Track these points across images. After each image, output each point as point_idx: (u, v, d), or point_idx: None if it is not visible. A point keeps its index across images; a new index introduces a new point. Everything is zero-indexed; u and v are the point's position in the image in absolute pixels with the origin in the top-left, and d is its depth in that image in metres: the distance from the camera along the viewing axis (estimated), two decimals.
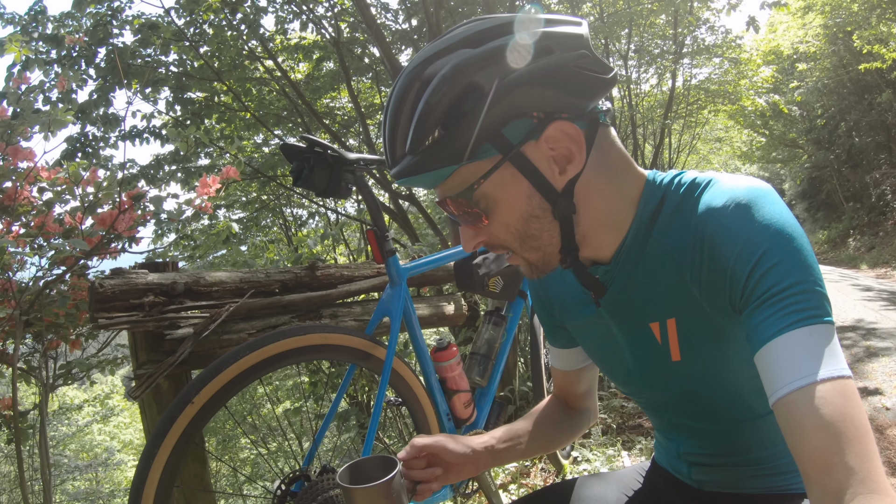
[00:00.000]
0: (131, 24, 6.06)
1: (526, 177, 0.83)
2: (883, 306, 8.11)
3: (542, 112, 0.81)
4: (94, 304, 1.65)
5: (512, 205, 0.85)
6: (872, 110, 18.75)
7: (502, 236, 0.89)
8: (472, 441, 1.10)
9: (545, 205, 0.86)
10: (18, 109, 2.20)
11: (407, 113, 0.82)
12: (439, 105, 0.79)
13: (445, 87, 0.79)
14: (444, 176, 0.84)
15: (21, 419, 2.26)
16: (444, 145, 0.80)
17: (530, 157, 0.83)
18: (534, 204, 0.85)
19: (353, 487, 0.89)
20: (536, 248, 0.89)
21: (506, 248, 0.91)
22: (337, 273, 2.26)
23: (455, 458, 1.06)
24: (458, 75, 0.78)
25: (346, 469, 0.95)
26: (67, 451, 10.14)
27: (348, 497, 0.90)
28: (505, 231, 0.88)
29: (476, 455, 1.08)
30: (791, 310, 0.74)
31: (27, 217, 2.22)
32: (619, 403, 3.97)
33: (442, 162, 0.81)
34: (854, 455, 0.66)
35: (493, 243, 0.92)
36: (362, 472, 0.95)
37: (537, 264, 0.92)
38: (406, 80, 0.83)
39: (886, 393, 4.04)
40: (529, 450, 1.20)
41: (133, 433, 14.29)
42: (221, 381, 1.44)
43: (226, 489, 5.62)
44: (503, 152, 0.81)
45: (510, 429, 1.19)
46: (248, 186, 8.67)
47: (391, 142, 0.85)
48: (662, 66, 11.79)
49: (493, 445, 1.12)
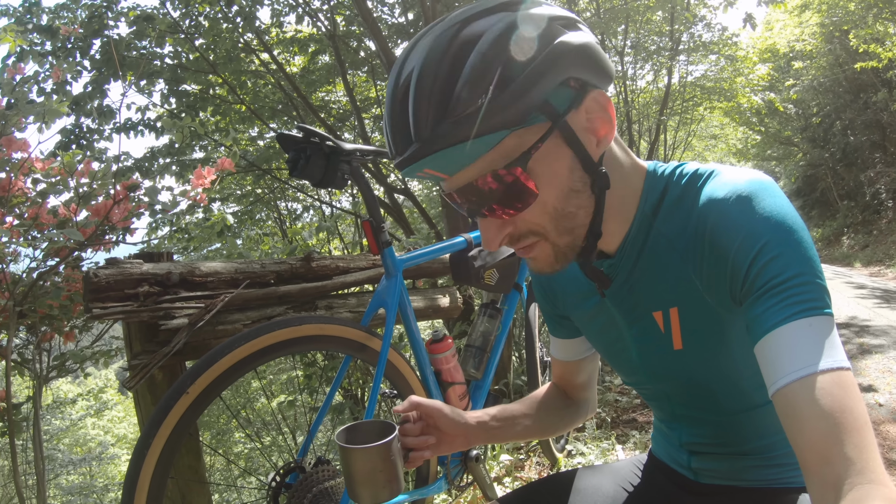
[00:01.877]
0: (126, 15, 6.02)
1: (570, 147, 0.81)
2: (876, 304, 8.16)
3: (579, 82, 0.80)
4: (89, 295, 1.64)
5: (555, 179, 0.81)
6: (868, 109, 18.81)
7: (536, 219, 0.83)
8: (467, 414, 1.11)
9: (585, 178, 0.83)
10: (13, 100, 2.19)
11: (443, 77, 0.74)
12: (494, 63, 0.73)
13: (501, 45, 0.73)
14: (487, 146, 0.76)
15: (15, 412, 2.25)
16: (497, 108, 0.72)
17: (573, 127, 0.81)
18: (575, 177, 0.83)
19: (351, 447, 0.90)
20: (570, 229, 0.85)
21: (536, 234, 0.85)
22: (332, 264, 2.25)
23: (449, 426, 1.06)
24: (513, 35, 0.74)
25: (343, 430, 0.96)
26: (61, 446, 10.12)
27: (346, 457, 0.91)
28: (541, 211, 0.82)
29: (469, 428, 1.09)
30: (791, 301, 0.74)
31: (21, 208, 2.21)
32: (614, 398, 3.98)
33: (493, 126, 0.73)
34: (852, 446, 0.66)
35: (520, 232, 0.85)
36: (360, 435, 0.96)
37: (564, 251, 0.87)
38: (440, 41, 0.75)
39: (880, 389, 4.07)
40: (524, 432, 1.21)
41: (127, 427, 14.27)
42: (216, 371, 1.44)
43: (220, 483, 5.62)
44: (552, 120, 0.78)
45: (505, 409, 1.19)
46: (243, 180, 8.64)
47: (417, 112, 0.75)
48: (659, 62, 11.76)
49: (487, 422, 1.13)
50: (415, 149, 0.75)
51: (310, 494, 1.55)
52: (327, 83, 8.34)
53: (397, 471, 0.92)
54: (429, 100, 0.74)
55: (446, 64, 0.74)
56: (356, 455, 0.90)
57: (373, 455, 0.90)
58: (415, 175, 0.80)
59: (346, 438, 0.95)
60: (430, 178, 0.82)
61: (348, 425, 0.97)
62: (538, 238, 0.85)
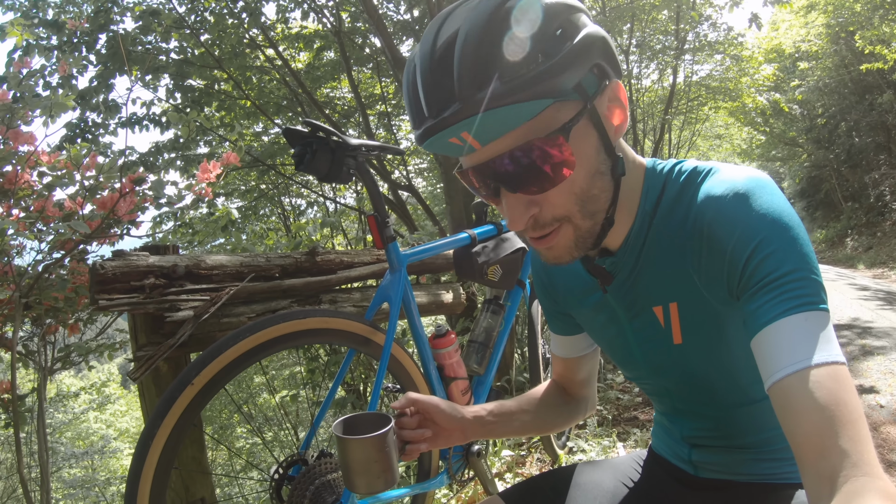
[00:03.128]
0: (132, 10, 6.04)
1: (596, 129, 0.83)
2: (879, 306, 8.14)
3: (602, 70, 0.82)
4: (95, 286, 1.65)
5: (585, 158, 0.82)
6: (873, 111, 18.75)
7: (562, 200, 0.83)
8: (464, 409, 1.11)
9: (608, 161, 0.85)
10: (19, 94, 2.20)
11: (497, 37, 0.73)
12: (544, 33, 0.74)
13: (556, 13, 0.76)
14: (531, 113, 0.75)
15: (19, 403, 2.26)
16: (547, 75, 0.73)
17: (598, 111, 0.83)
18: (601, 159, 0.84)
19: (348, 438, 0.92)
20: (593, 213, 0.86)
21: (559, 219, 0.85)
22: (337, 259, 2.26)
23: (445, 420, 1.07)
24: (559, 12, 0.77)
25: (341, 422, 0.98)
26: (63, 439, 10.15)
27: (342, 447, 0.93)
28: (569, 191, 0.82)
29: (465, 422, 1.10)
30: (787, 296, 0.75)
31: (27, 201, 2.22)
32: (615, 395, 3.99)
33: (541, 92, 0.73)
34: (847, 438, 0.67)
35: (545, 217, 0.84)
36: (357, 427, 0.97)
37: (585, 236, 0.87)
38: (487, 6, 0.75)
39: (881, 391, 4.06)
40: (522, 428, 1.21)
41: (129, 421, 14.32)
42: (221, 362, 1.45)
43: (222, 477, 5.63)
44: (584, 100, 0.80)
45: (503, 404, 1.20)
46: (247, 175, 8.66)
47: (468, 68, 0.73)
48: (664, 61, 11.76)
49: (483, 416, 1.13)
50: (457, 108, 0.73)
51: (312, 486, 1.56)
52: (332, 79, 8.35)
53: (392, 462, 0.94)
54: (476, 59, 0.73)
55: (493, 28, 0.73)
56: (352, 445, 0.92)
57: (368, 445, 0.92)
58: (445, 143, 0.79)
59: (343, 429, 0.97)
60: (458, 149, 0.80)
61: (346, 417, 0.99)
62: (561, 223, 0.85)
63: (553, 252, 0.88)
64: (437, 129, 0.75)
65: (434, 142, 0.78)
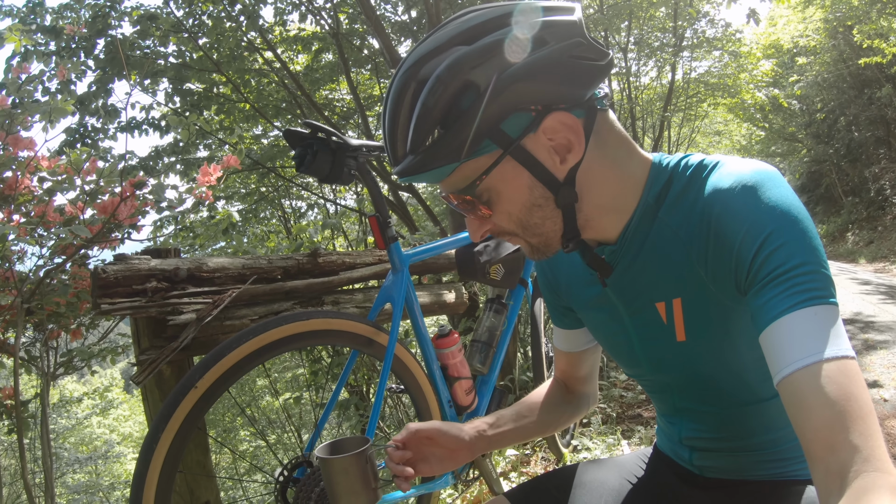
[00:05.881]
0: (130, 15, 6.03)
1: (527, 169, 0.85)
2: (881, 300, 8.13)
3: (539, 105, 0.82)
4: (97, 290, 1.65)
5: (514, 196, 0.87)
6: (872, 105, 18.72)
7: (505, 225, 0.92)
8: (465, 427, 1.14)
9: (547, 194, 0.87)
10: (17, 100, 2.19)
11: (405, 114, 0.83)
12: (436, 106, 0.80)
13: (441, 88, 0.79)
14: (445, 173, 0.85)
15: (22, 409, 2.26)
16: (443, 144, 0.81)
17: (530, 150, 0.84)
18: (536, 194, 0.87)
19: (328, 458, 1.02)
20: (539, 234, 0.91)
21: (510, 232, 0.93)
22: (339, 260, 2.26)
23: (450, 442, 1.10)
24: (453, 75, 0.78)
25: (325, 446, 1.07)
26: (67, 444, 10.17)
27: (324, 468, 1.03)
28: (507, 220, 0.90)
29: (471, 440, 1.12)
30: (796, 290, 0.74)
31: (28, 207, 2.22)
32: (619, 393, 3.98)
33: (443, 160, 0.82)
34: (858, 433, 0.66)
35: (497, 231, 0.94)
36: (341, 450, 1.06)
37: (539, 247, 0.94)
38: (401, 81, 0.83)
39: (885, 385, 4.05)
40: (525, 433, 1.22)
41: (132, 426, 14.33)
42: (225, 365, 1.44)
43: (226, 481, 5.63)
44: (503, 147, 0.82)
45: (502, 414, 1.21)
46: (247, 178, 8.65)
47: (391, 142, 0.86)
48: (662, 58, 11.75)
49: (485, 431, 1.15)
50: (397, 170, 0.87)
51: (317, 489, 1.56)
52: (331, 81, 8.35)
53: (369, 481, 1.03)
54: (394, 137, 0.86)
55: (404, 107, 0.83)
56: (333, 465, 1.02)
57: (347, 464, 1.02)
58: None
59: (328, 452, 1.06)
60: None
61: (329, 441, 1.08)
62: (515, 236, 0.94)
63: (524, 251, 0.99)
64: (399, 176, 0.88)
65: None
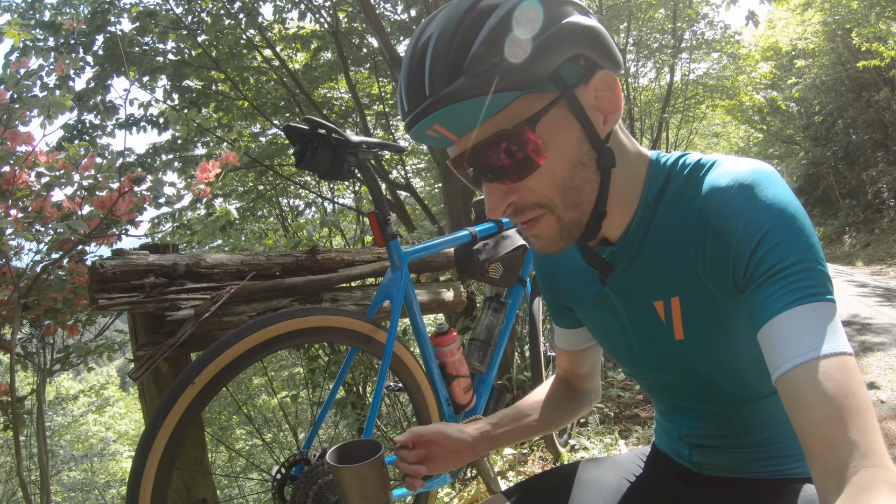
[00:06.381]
0: (129, 11, 6.01)
1: (578, 120, 0.83)
2: (878, 302, 8.16)
3: (588, 61, 0.83)
4: (95, 285, 1.64)
5: (563, 148, 0.82)
6: (870, 108, 18.78)
7: (543, 189, 0.84)
8: (468, 428, 1.14)
9: (592, 153, 0.85)
10: (16, 94, 2.18)
11: (463, 36, 0.77)
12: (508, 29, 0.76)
13: (516, 15, 0.77)
14: (498, 106, 0.78)
15: (18, 405, 2.25)
16: (510, 68, 0.76)
17: (581, 102, 0.83)
18: (583, 150, 0.84)
19: (343, 467, 0.99)
20: (576, 203, 0.86)
21: (542, 206, 0.85)
22: (337, 257, 2.25)
23: (453, 444, 1.10)
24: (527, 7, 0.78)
25: (335, 450, 1.04)
26: (62, 442, 10.14)
27: (336, 475, 1.00)
28: (549, 180, 0.83)
29: (474, 441, 1.12)
30: (793, 287, 0.74)
31: (25, 202, 2.21)
32: (616, 393, 3.98)
33: (506, 85, 0.76)
34: (856, 429, 0.66)
35: (525, 202, 0.85)
36: (350, 454, 1.03)
37: (569, 227, 0.88)
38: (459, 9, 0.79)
39: (882, 387, 4.07)
40: (528, 431, 1.22)
41: (128, 424, 14.31)
42: (223, 361, 1.43)
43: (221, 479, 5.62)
44: (560, 90, 0.80)
45: (504, 414, 1.21)
46: (245, 176, 8.64)
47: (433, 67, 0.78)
48: (661, 60, 11.77)
49: (489, 431, 1.16)
50: (427, 103, 0.78)
51: (315, 486, 1.55)
52: (330, 80, 8.34)
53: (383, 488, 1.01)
54: (445, 57, 0.77)
55: (464, 27, 0.78)
56: (346, 473, 0.99)
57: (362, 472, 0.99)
58: (424, 134, 0.83)
59: (337, 457, 1.03)
60: (439, 140, 0.85)
61: (339, 445, 1.05)
62: (544, 211, 0.86)
63: (540, 241, 0.90)
64: (414, 122, 0.80)
65: (415, 133, 0.82)
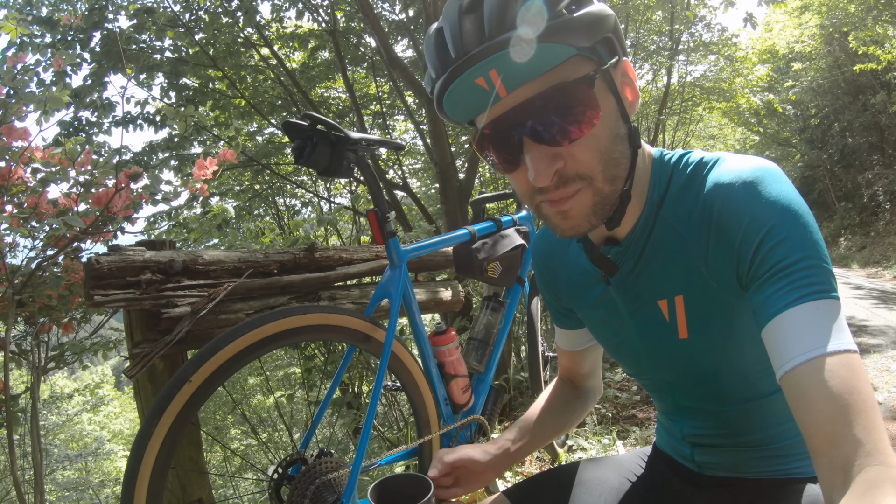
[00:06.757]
0: (126, 9, 5.99)
1: (613, 94, 0.84)
2: (874, 304, 8.19)
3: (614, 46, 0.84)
4: (91, 282, 1.62)
5: (607, 116, 0.82)
6: (866, 111, 18.84)
7: (587, 158, 0.81)
8: (491, 448, 1.17)
9: (625, 128, 0.85)
10: (12, 90, 2.16)
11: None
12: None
13: None
14: (556, 60, 0.77)
15: (12, 403, 2.23)
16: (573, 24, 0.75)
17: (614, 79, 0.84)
18: (619, 123, 0.85)
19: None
20: (614, 177, 0.84)
21: (583, 178, 0.83)
22: (335, 255, 2.24)
23: (479, 467, 1.14)
24: None
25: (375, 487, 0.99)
26: (57, 441, 10.08)
27: None
28: (594, 148, 0.81)
29: (496, 460, 1.16)
30: (798, 285, 0.74)
31: (20, 197, 2.19)
32: (614, 394, 3.98)
33: (568, 39, 0.75)
34: (861, 427, 0.66)
35: (569, 171, 0.82)
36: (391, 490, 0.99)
37: (604, 202, 0.85)
38: None
39: (878, 388, 4.08)
40: (545, 438, 1.25)
41: (123, 423, 14.24)
42: (220, 359, 1.42)
43: (216, 479, 5.60)
44: (600, 63, 0.82)
45: (519, 427, 1.24)
46: (241, 175, 8.62)
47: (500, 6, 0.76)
48: (658, 62, 11.76)
49: (509, 448, 1.19)
50: (486, 45, 0.75)
51: (312, 486, 1.54)
52: (327, 79, 8.32)
53: None
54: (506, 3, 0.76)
55: None
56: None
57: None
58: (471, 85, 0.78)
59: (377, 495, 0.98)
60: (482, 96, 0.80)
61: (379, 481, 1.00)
62: (584, 183, 0.83)
63: (568, 221, 0.86)
64: (465, 67, 0.76)
65: (459, 85, 0.78)
